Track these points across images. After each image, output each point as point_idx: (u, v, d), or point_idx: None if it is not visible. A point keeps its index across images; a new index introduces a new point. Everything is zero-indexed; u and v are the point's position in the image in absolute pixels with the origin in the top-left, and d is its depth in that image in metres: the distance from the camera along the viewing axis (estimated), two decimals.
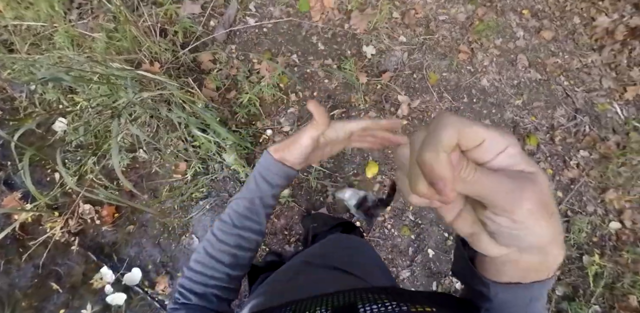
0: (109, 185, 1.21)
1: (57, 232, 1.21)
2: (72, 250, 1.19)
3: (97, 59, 1.29)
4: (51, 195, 1.20)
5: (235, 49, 1.34)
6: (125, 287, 1.10)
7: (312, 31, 1.32)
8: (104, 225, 1.19)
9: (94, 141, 1.30)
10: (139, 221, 1.18)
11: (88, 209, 1.23)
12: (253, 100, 1.20)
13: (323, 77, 1.28)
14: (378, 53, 1.30)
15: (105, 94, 1.32)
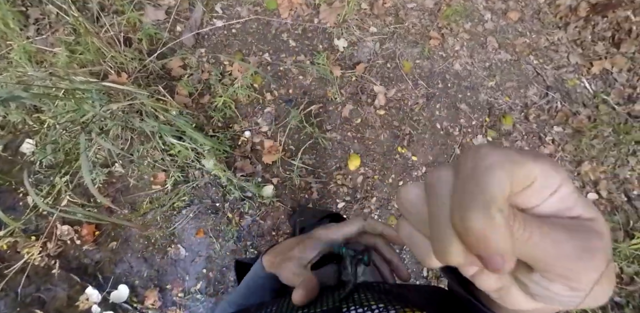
0: (86, 204, 1.14)
1: (35, 256, 1.13)
2: (54, 274, 1.12)
3: (59, 73, 1.21)
4: (24, 219, 1.12)
5: (205, 53, 1.28)
6: (113, 305, 1.04)
7: (282, 28, 1.28)
8: (85, 244, 1.12)
9: (64, 159, 1.22)
10: (121, 237, 1.11)
11: (66, 230, 1.16)
12: (228, 103, 1.16)
13: (297, 73, 1.24)
14: (350, 45, 1.28)
15: (72, 110, 1.25)
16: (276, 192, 1.13)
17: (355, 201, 1.17)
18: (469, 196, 0.11)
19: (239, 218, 1.12)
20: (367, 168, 1.19)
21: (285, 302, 0.25)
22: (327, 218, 0.72)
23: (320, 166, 1.18)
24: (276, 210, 1.13)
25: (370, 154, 1.21)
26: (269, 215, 1.13)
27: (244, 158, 1.13)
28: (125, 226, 1.10)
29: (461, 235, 0.11)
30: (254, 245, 1.11)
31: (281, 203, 1.13)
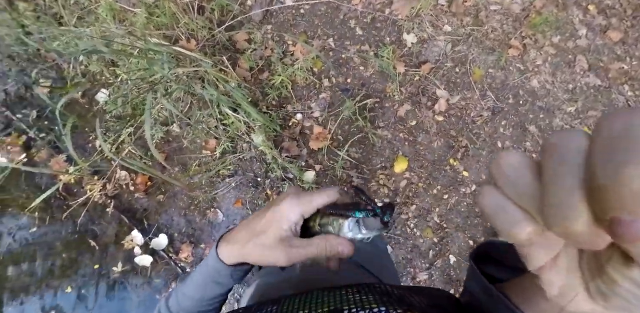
0: (143, 156, 1.21)
1: (95, 194, 1.24)
2: (108, 212, 1.22)
3: (137, 33, 1.25)
4: (91, 161, 1.22)
5: (271, 30, 1.26)
6: (152, 251, 1.13)
7: (351, 15, 1.22)
8: (138, 192, 1.21)
9: (131, 113, 1.29)
10: (169, 192, 1.18)
11: (124, 176, 1.25)
12: (285, 83, 1.14)
13: (359, 63, 1.18)
14: (419, 42, 1.18)
15: (144, 69, 1.30)
16: (317, 179, 1.12)
17: None
18: (622, 153, 0.09)
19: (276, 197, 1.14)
20: (413, 174, 1.13)
21: (287, 301, 0.24)
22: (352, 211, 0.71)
23: (366, 162, 1.13)
24: None
25: (420, 160, 1.14)
26: None
27: (291, 140, 1.12)
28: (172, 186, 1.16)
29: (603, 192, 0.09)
30: None
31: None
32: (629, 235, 0.09)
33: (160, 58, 1.18)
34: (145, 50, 1.18)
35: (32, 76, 1.58)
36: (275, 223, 0.25)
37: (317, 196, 0.26)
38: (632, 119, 0.09)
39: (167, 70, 1.14)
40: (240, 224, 0.28)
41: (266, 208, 0.27)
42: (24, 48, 1.55)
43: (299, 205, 0.25)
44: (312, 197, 0.26)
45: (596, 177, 0.09)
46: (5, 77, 1.63)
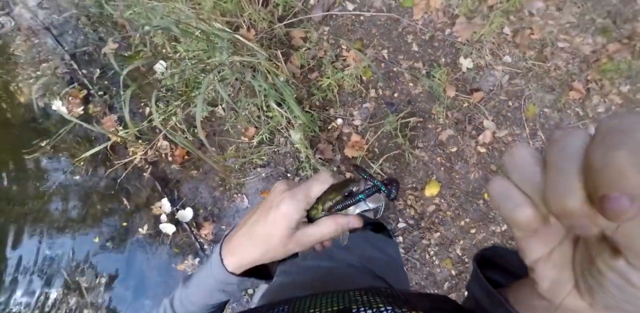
0: (186, 131, 1.28)
1: (137, 157, 1.33)
2: (144, 176, 1.32)
3: (203, 16, 1.31)
4: (140, 126, 1.31)
5: (327, 32, 1.27)
6: (177, 221, 1.21)
7: (410, 29, 1.21)
8: (174, 163, 1.29)
9: (183, 89, 1.37)
10: (202, 169, 1.25)
11: (165, 146, 1.33)
12: (332, 86, 1.16)
13: (408, 79, 1.18)
14: (475, 68, 1.16)
15: (202, 49, 1.36)
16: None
17: (417, 228, 1.10)
18: (614, 141, 0.10)
19: None
20: (443, 200, 1.10)
21: (298, 301, 0.24)
22: (370, 225, 0.72)
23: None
24: None
25: (452, 188, 1.11)
26: None
27: (327, 143, 1.15)
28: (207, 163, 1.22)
29: (595, 173, 0.10)
30: None
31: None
32: (615, 209, 0.10)
33: (220, 43, 1.24)
34: (208, 32, 1.24)
35: (102, 37, 1.69)
36: (280, 225, 0.25)
37: (312, 187, 0.26)
38: (627, 117, 0.11)
39: (225, 55, 1.19)
40: (240, 231, 0.27)
41: (262, 209, 0.26)
42: (100, 10, 1.66)
43: (298, 202, 0.25)
44: (308, 190, 0.26)
45: (590, 160, 0.11)
46: (78, 34, 1.76)
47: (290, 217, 0.25)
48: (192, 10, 1.39)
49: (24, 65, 1.72)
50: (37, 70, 1.71)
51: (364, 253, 0.50)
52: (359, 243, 0.55)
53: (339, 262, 0.46)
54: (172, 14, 1.41)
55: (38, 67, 1.71)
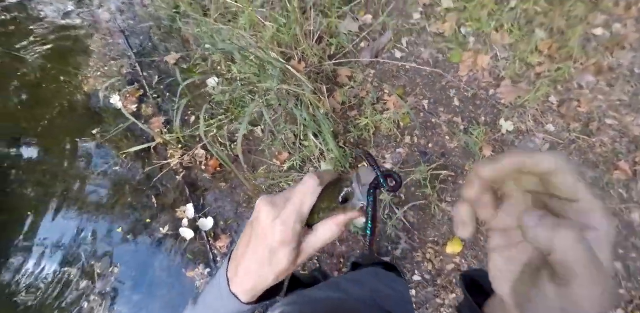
0: (223, 144, 1.38)
1: (174, 160, 1.43)
2: (176, 179, 1.40)
3: (261, 44, 1.45)
4: (184, 133, 1.42)
5: (373, 75, 1.37)
6: (196, 228, 1.27)
7: (453, 84, 1.26)
8: (206, 172, 1.37)
9: (229, 106, 1.49)
10: (231, 183, 1.33)
11: (202, 154, 1.43)
12: (369, 127, 1.22)
13: (445, 132, 1.20)
14: (515, 132, 1.15)
15: (254, 73, 1.49)
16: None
17: (432, 284, 1.06)
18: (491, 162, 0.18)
19: None
20: (464, 261, 1.07)
21: None
22: (381, 265, 0.73)
23: (419, 230, 1.10)
24: (356, 242, 1.11)
25: (476, 250, 1.08)
26: (347, 242, 1.11)
27: None
28: (237, 177, 1.30)
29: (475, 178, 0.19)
30: (319, 259, 1.12)
31: (364, 239, 1.10)
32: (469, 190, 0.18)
33: (272, 70, 1.36)
34: (263, 59, 1.37)
35: (168, 47, 1.89)
36: (284, 252, 0.24)
37: (303, 204, 0.24)
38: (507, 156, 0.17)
39: (275, 83, 1.31)
40: (244, 263, 0.26)
41: (258, 239, 0.25)
42: (171, 24, 1.86)
43: (293, 226, 0.24)
44: (299, 208, 0.24)
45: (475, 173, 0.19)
46: (147, 40, 1.97)
47: (290, 244, 0.24)
48: (252, 38, 1.55)
49: (95, 60, 1.93)
50: (105, 65, 1.91)
51: (374, 287, 0.50)
52: (370, 278, 0.56)
53: (348, 295, 0.45)
54: (234, 37, 1.57)
55: (107, 64, 1.91)
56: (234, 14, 1.72)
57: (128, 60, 1.87)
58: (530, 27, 1.21)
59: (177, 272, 1.24)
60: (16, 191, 1.64)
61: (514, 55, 1.19)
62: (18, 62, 2.04)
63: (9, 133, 1.84)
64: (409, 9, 1.45)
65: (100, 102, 1.78)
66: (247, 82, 1.48)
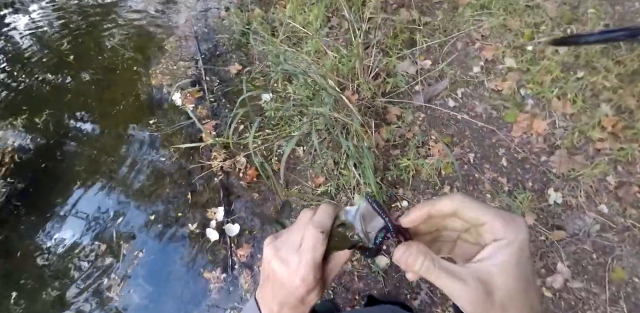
0: (266, 157, 1.45)
1: (216, 163, 1.52)
2: (214, 181, 1.48)
3: (321, 71, 1.55)
4: (232, 140, 1.50)
5: (422, 118, 1.41)
6: (222, 231, 1.32)
7: (504, 143, 1.25)
8: (242, 180, 1.44)
9: (278, 121, 1.58)
10: (264, 195, 1.38)
11: (242, 162, 1.51)
12: (410, 169, 1.24)
13: (487, 190, 1.17)
14: (564, 205, 1.09)
15: (308, 96, 1.59)
16: (387, 269, 1.09)
17: None
18: None
19: None
20: None
21: None
22: (398, 304, 0.71)
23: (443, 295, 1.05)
24: (374, 282, 1.09)
25: None
26: (366, 279, 1.09)
27: None
28: (272, 190, 1.35)
29: None
30: (334, 290, 1.11)
31: (384, 281, 1.07)
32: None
33: (326, 97, 1.44)
34: (320, 85, 1.46)
35: (233, 58, 2.06)
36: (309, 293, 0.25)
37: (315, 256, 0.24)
38: None
39: (327, 109, 1.38)
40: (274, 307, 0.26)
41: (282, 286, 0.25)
42: (240, 38, 2.05)
43: (313, 275, 0.24)
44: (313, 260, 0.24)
45: None
46: (216, 49, 2.17)
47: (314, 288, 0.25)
48: (314, 63, 1.67)
49: (167, 58, 2.15)
50: (174, 64, 2.12)
51: None
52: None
53: None
54: (297, 60, 1.69)
55: (176, 63, 2.12)
56: (300, 38, 1.87)
57: (195, 63, 2.07)
58: (595, 100, 1.21)
59: (196, 270, 1.28)
60: (69, 161, 1.80)
61: (573, 126, 1.18)
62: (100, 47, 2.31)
63: (77, 107, 2.06)
64: (469, 62, 1.50)
65: (162, 97, 1.97)
66: (300, 103, 1.57)
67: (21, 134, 1.97)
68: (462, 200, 0.21)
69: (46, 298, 1.37)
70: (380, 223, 0.25)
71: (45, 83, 2.24)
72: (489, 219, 0.20)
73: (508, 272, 0.19)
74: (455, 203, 0.21)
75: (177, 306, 1.22)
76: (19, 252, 1.52)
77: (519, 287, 0.20)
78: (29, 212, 1.65)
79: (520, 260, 0.20)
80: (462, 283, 0.19)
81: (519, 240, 0.20)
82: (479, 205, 0.21)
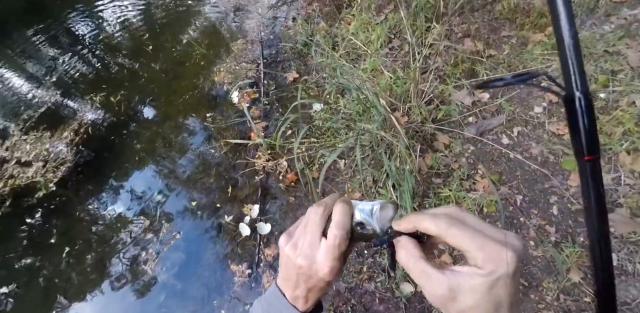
0: (308, 164, 1.51)
1: (259, 162, 1.61)
2: (255, 179, 1.58)
3: (375, 90, 1.60)
4: (280, 142, 1.60)
5: (471, 151, 1.40)
6: (254, 228, 1.40)
7: (557, 191, 1.19)
8: (282, 182, 1.52)
9: (325, 132, 1.64)
10: (299, 200, 1.45)
11: (284, 166, 1.59)
12: (450, 200, 1.24)
13: (531, 237, 1.12)
14: (618, 269, 1.03)
15: (357, 112, 1.65)
16: (411, 297, 1.10)
17: None
18: None
19: (367, 278, 1.16)
20: None
21: None
22: None
23: None
24: (395, 307, 1.09)
25: None
26: (387, 303, 1.09)
27: None
28: (307, 196, 1.41)
29: None
30: (353, 308, 1.11)
31: (405, 308, 1.08)
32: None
33: (375, 115, 1.49)
34: (372, 103, 1.51)
35: (292, 66, 2.20)
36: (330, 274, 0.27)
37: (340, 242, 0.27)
38: None
39: (375, 126, 1.42)
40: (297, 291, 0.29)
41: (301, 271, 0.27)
42: (302, 48, 2.19)
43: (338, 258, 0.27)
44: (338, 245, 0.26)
45: None
46: (278, 55, 2.34)
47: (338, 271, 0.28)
48: (369, 81, 1.73)
49: (232, 58, 2.36)
50: (237, 65, 2.32)
51: None
52: None
53: None
54: (353, 76, 1.77)
55: (239, 64, 2.32)
56: (359, 55, 1.96)
57: (256, 66, 2.25)
58: None
59: (223, 260, 1.38)
60: (131, 140, 2.04)
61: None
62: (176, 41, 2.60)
63: (147, 92, 2.33)
64: (531, 101, 1.46)
65: (221, 93, 2.16)
66: (349, 117, 1.64)
67: (97, 110, 2.27)
68: (448, 226, 0.22)
69: (89, 261, 1.54)
70: (389, 217, 0.29)
71: (124, 67, 2.57)
72: (472, 250, 0.21)
73: (477, 292, 0.21)
74: (440, 230, 0.22)
75: (202, 291, 1.31)
76: (77, 214, 1.73)
77: (486, 307, 0.21)
78: (90, 180, 1.88)
79: (493, 289, 0.21)
80: (432, 284, 0.22)
81: (498, 273, 0.21)
82: (464, 234, 0.22)
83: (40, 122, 2.32)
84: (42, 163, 2.04)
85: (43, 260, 1.58)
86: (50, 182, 1.92)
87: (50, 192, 1.86)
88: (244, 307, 1.22)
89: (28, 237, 1.70)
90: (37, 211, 1.81)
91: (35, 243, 1.67)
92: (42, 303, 1.44)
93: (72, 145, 2.09)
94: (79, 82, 2.56)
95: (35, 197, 1.85)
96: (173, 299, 1.32)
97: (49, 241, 1.65)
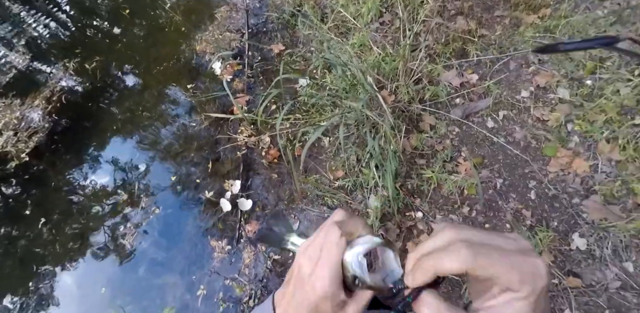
0: (290, 140, 1.29)
1: (241, 137, 1.37)
2: (237, 155, 1.35)
3: (362, 66, 1.32)
4: (262, 118, 1.33)
5: (455, 133, 1.21)
6: (235, 204, 1.21)
7: (536, 176, 1.04)
8: (264, 158, 1.30)
9: (310, 108, 1.39)
10: (282, 177, 1.24)
11: (267, 142, 1.35)
12: (432, 181, 1.07)
13: (508, 220, 1.00)
14: (586, 253, 0.92)
15: (344, 89, 1.38)
16: None
17: None
18: None
19: None
20: None
21: None
22: None
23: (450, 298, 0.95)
24: None
25: None
26: None
27: (396, 227, 1.02)
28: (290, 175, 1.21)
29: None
30: None
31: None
32: None
33: (362, 93, 1.24)
34: (358, 80, 1.25)
35: (277, 37, 1.82)
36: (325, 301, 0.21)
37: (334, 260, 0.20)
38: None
39: (360, 104, 1.19)
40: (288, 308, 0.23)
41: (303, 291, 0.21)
42: (289, 18, 1.79)
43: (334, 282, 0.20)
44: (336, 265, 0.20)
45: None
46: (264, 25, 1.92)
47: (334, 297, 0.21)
48: (357, 57, 1.43)
49: (215, 26, 1.92)
50: (221, 34, 1.89)
51: None
52: None
53: None
54: (340, 51, 1.46)
55: (222, 33, 1.89)
56: (348, 28, 1.61)
57: (241, 36, 1.84)
58: None
59: (203, 235, 1.20)
60: (109, 109, 1.68)
61: (617, 173, 0.97)
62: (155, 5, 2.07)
63: (124, 59, 1.89)
64: (519, 85, 1.25)
65: (203, 63, 1.77)
66: (335, 94, 1.37)
67: (72, 77, 1.84)
68: (474, 259, 0.16)
69: (69, 232, 1.32)
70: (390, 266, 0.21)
71: (99, 31, 2.06)
72: (504, 274, 0.16)
73: None
74: (467, 264, 0.16)
75: (182, 264, 1.15)
76: (53, 184, 1.46)
77: None
78: (67, 150, 1.57)
79: (537, 309, 0.16)
80: None
81: (536, 292, 0.16)
82: (491, 261, 0.16)
83: (9, 88, 1.88)
84: (12, 132, 1.68)
85: (19, 230, 1.36)
86: (22, 152, 1.59)
87: (24, 162, 1.55)
88: (223, 281, 1.09)
89: (2, 207, 1.44)
90: (9, 182, 1.52)
91: (11, 213, 1.42)
92: (20, 274, 1.26)
93: (45, 114, 1.71)
94: (51, 46, 2.05)
95: (8, 167, 1.54)
96: (152, 272, 1.17)
97: (24, 212, 1.40)
